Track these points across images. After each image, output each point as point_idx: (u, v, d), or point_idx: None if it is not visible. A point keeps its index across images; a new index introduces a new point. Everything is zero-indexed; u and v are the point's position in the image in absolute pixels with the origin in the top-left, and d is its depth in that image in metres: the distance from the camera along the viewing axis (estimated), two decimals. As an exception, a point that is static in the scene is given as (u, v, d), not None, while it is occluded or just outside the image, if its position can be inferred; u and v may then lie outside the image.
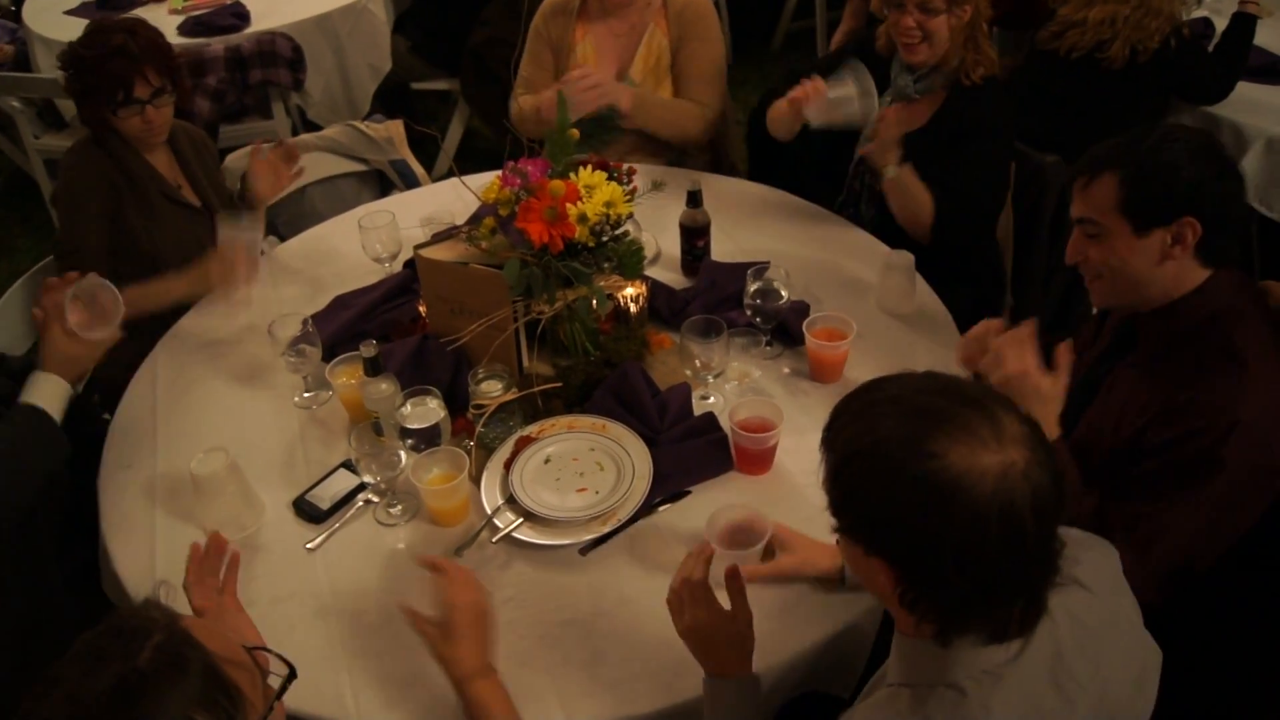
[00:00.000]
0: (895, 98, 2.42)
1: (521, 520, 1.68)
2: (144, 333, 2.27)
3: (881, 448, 1.02)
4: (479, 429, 1.80)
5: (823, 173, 2.59)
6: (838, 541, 1.13)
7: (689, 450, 1.77)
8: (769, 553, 1.60)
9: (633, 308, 2.02)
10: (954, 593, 1.01)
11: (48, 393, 1.81)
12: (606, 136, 2.82)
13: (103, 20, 2.38)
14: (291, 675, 1.09)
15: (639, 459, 1.75)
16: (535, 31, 2.86)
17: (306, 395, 2.01)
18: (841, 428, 1.08)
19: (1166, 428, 1.51)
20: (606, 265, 1.86)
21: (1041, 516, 0.99)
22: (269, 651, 1.09)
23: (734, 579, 1.39)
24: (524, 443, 1.80)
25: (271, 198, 2.52)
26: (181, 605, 1.29)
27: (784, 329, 2.02)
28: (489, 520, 1.68)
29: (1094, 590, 1.16)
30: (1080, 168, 1.60)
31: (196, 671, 0.95)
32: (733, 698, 1.36)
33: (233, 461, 1.72)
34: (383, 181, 3.13)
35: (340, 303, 2.20)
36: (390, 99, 4.25)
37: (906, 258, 2.11)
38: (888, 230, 2.41)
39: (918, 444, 0.99)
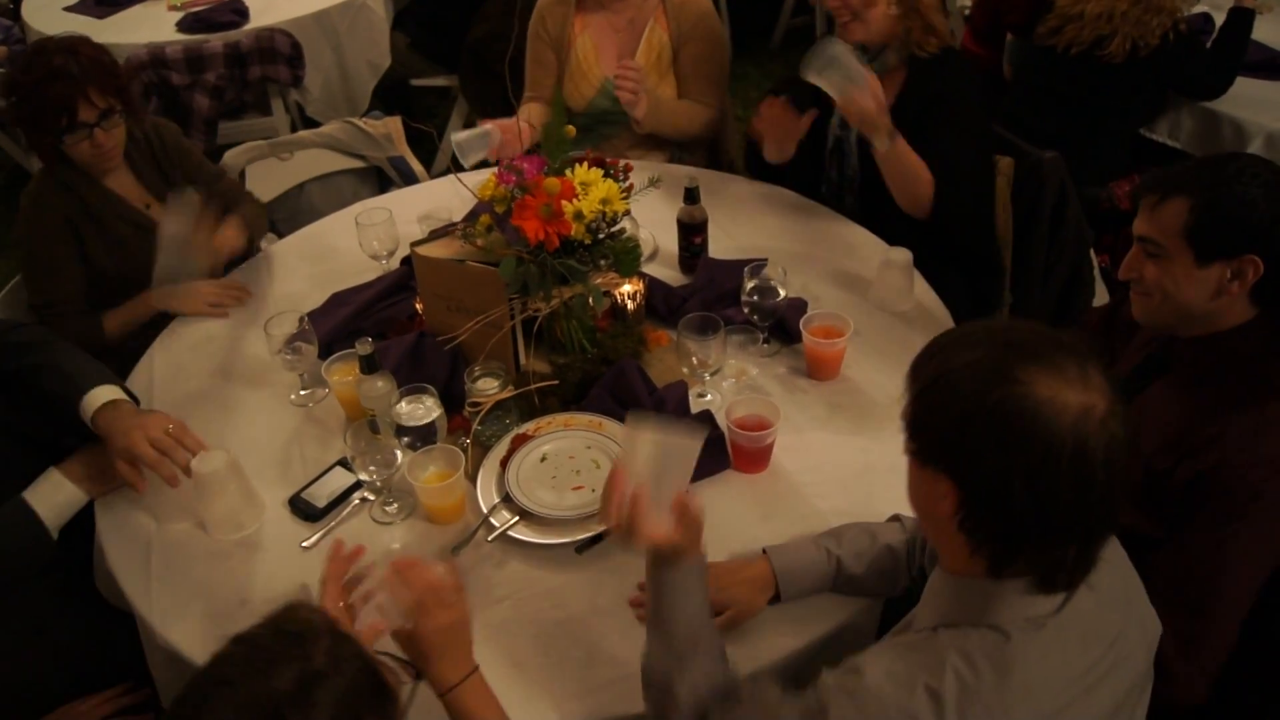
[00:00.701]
0: None
1: (517, 519, 1.68)
2: (138, 331, 2.27)
3: (969, 370, 1.06)
4: (475, 427, 1.80)
5: (801, 165, 2.56)
6: (908, 463, 1.14)
7: (685, 448, 1.76)
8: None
9: (629, 305, 2.02)
10: (1014, 518, 1.04)
11: (55, 500, 1.75)
12: (605, 131, 2.83)
13: (43, 41, 2.21)
14: (418, 679, 1.16)
15: (635, 457, 1.74)
16: (534, 32, 2.85)
17: (303, 393, 2.00)
18: (931, 354, 1.12)
19: (1199, 459, 1.50)
20: (603, 262, 1.85)
21: (1110, 465, 1.02)
22: (390, 656, 1.13)
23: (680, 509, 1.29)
24: (520, 440, 1.79)
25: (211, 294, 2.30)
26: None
27: (781, 326, 2.02)
28: (485, 519, 1.68)
29: (1112, 562, 1.18)
30: (1152, 185, 1.56)
31: (364, 672, 1.00)
32: (678, 579, 1.29)
33: (234, 460, 1.72)
34: (381, 178, 3.12)
35: (337, 300, 2.20)
36: (389, 95, 4.25)
37: (904, 255, 2.11)
38: (872, 218, 2.40)
39: (1006, 369, 1.03)
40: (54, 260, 2.27)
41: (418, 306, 2.08)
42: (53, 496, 1.75)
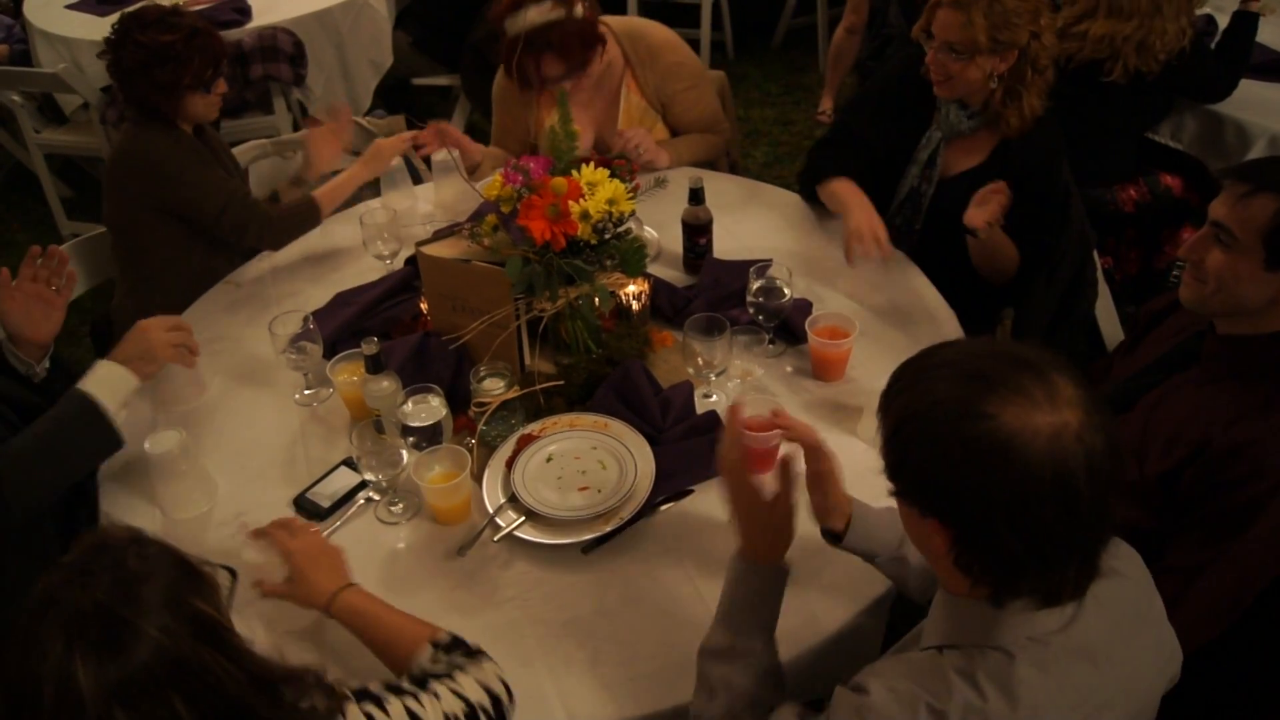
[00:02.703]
0: (946, 132, 2.31)
1: (523, 519, 1.67)
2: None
3: (936, 410, 1.04)
4: (481, 427, 1.80)
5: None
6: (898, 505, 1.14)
7: (691, 449, 1.76)
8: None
9: (635, 305, 2.02)
10: (1007, 553, 1.03)
11: (110, 386, 1.77)
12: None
13: (142, 11, 2.36)
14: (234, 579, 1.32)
15: (641, 457, 1.74)
16: (498, 98, 2.76)
17: (307, 392, 2.00)
18: (897, 393, 1.10)
19: (1222, 456, 1.49)
20: (609, 263, 1.85)
21: (1095, 478, 1.00)
22: (211, 564, 1.16)
23: (784, 467, 1.36)
24: (526, 441, 1.79)
25: (332, 167, 2.54)
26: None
27: (786, 327, 2.02)
28: (491, 519, 1.68)
29: (1129, 577, 1.17)
30: (1245, 174, 1.52)
31: (178, 565, 1.07)
32: (755, 582, 1.34)
33: (185, 441, 1.74)
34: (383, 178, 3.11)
35: (341, 300, 2.19)
36: (391, 95, 4.24)
37: None
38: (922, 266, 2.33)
39: (971, 405, 1.02)
40: (206, 167, 2.40)
41: (422, 306, 2.08)
42: (107, 381, 1.77)
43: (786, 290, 1.97)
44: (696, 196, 2.20)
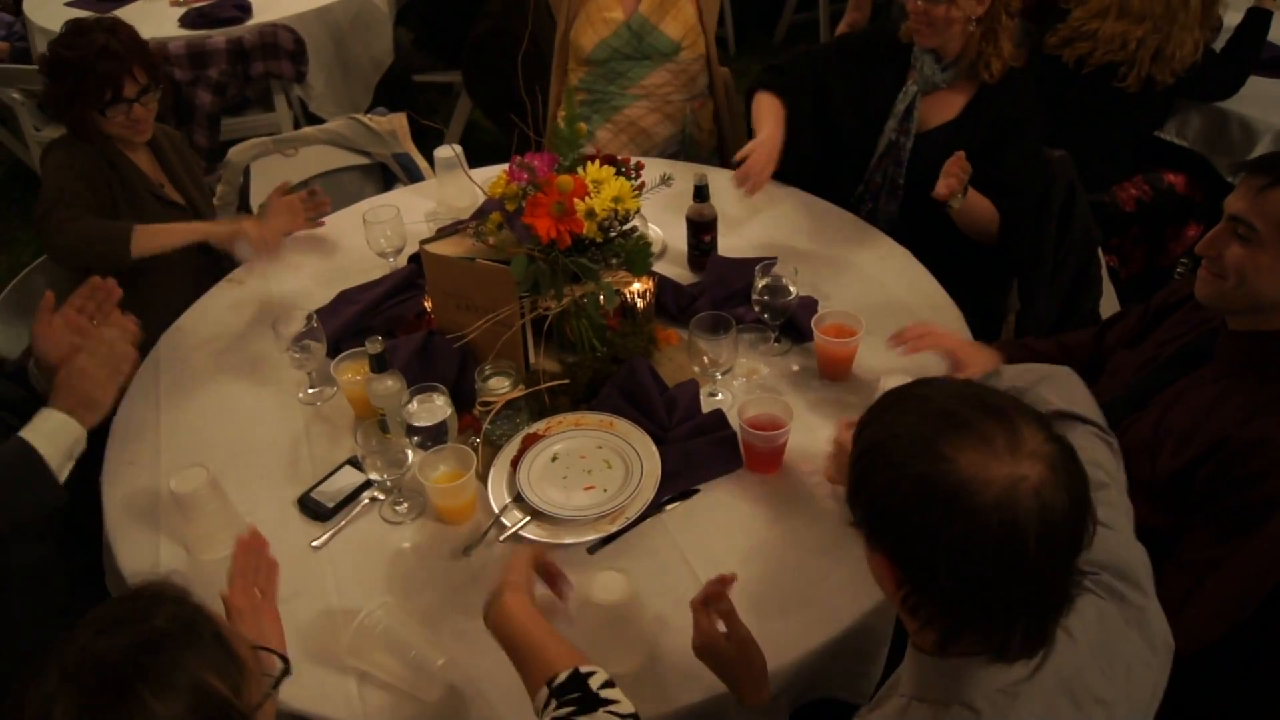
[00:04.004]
0: (922, 86, 2.40)
1: (529, 519, 1.67)
2: (145, 327, 2.25)
3: (896, 444, 1.02)
4: (486, 426, 1.79)
5: (839, 165, 2.57)
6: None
7: (698, 448, 1.76)
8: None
9: (640, 304, 2.01)
10: (949, 600, 1.01)
11: (50, 434, 1.66)
12: (618, 67, 2.86)
13: (79, 22, 2.34)
14: (286, 670, 1.12)
15: (647, 457, 1.74)
16: None
17: (311, 391, 1.99)
18: (869, 421, 1.09)
19: (1238, 454, 1.48)
20: (614, 261, 1.85)
21: (1047, 535, 0.96)
22: (268, 650, 1.11)
23: (717, 599, 1.38)
24: (531, 440, 1.78)
25: (279, 234, 2.37)
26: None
27: (792, 325, 2.01)
28: (496, 519, 1.67)
29: (1106, 598, 1.15)
30: (1264, 167, 1.51)
31: (209, 636, 1.00)
32: None
33: (213, 478, 1.67)
34: (386, 175, 3.11)
35: (345, 298, 2.18)
36: (392, 91, 4.23)
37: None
38: (908, 226, 2.41)
39: (931, 444, 1.00)
40: (83, 189, 2.29)
41: (426, 305, 2.07)
42: (47, 433, 1.67)
43: (792, 288, 1.96)
44: (701, 194, 2.19)
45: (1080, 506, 0.99)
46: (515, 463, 1.75)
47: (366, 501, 1.75)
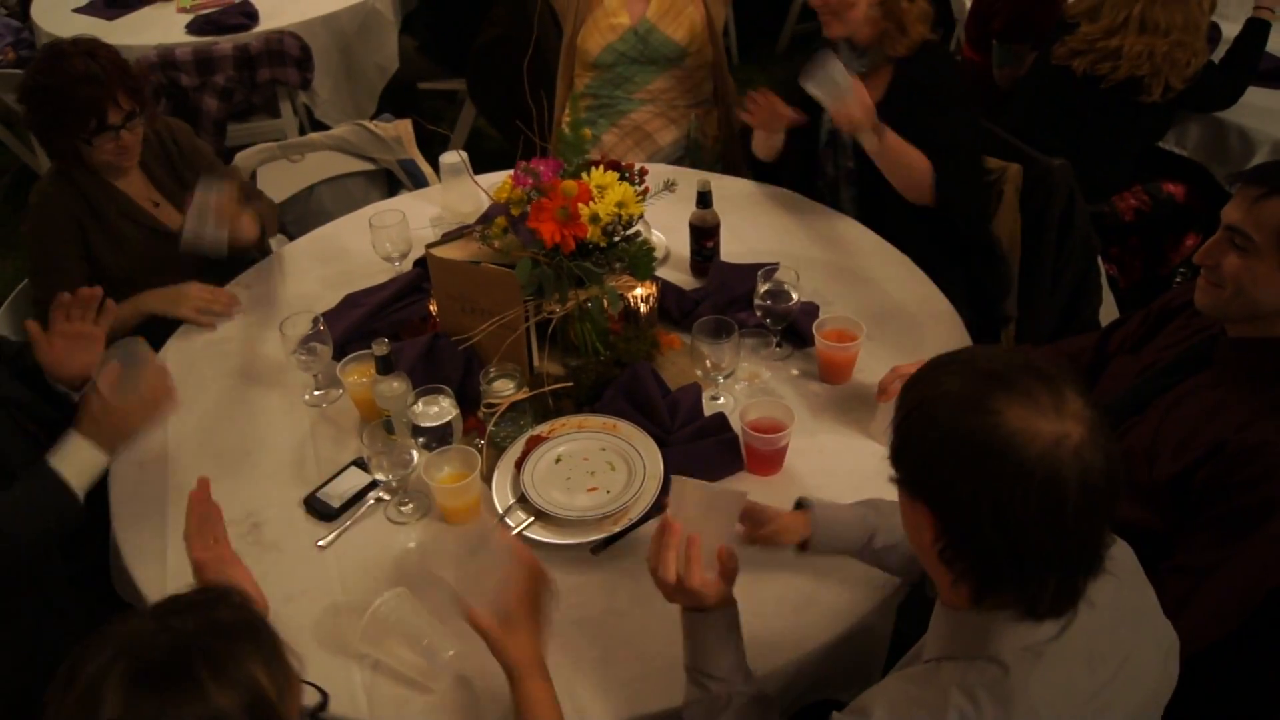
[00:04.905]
0: None
1: (533, 519, 1.68)
2: (147, 328, 2.27)
3: (944, 400, 1.07)
4: (490, 428, 1.81)
5: (801, 159, 2.60)
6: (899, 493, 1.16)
7: (700, 450, 1.77)
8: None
9: (643, 308, 2.03)
10: (987, 550, 1.05)
11: (80, 466, 1.73)
12: (624, 71, 2.90)
13: (56, 44, 2.19)
14: (324, 704, 1.17)
15: (650, 459, 1.75)
16: None
17: (317, 393, 2.01)
18: (915, 382, 1.13)
19: (1236, 460, 1.49)
20: (618, 265, 1.86)
21: (1086, 494, 1.01)
22: (306, 683, 1.11)
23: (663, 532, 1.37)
24: (535, 442, 1.80)
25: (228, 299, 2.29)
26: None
27: (794, 330, 2.03)
28: (500, 520, 1.69)
29: (1121, 578, 1.18)
30: (1260, 177, 1.53)
31: (268, 639, 1.02)
32: (706, 630, 1.35)
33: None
34: (391, 181, 3.13)
35: (351, 301, 2.20)
36: (397, 99, 4.25)
37: None
38: (870, 209, 2.45)
39: (978, 400, 1.04)
40: (59, 258, 2.26)
41: (431, 308, 2.09)
42: (75, 463, 1.73)
43: (794, 293, 1.98)
44: (704, 200, 2.21)
45: (1114, 471, 1.04)
46: (519, 464, 1.76)
47: (372, 502, 1.77)
